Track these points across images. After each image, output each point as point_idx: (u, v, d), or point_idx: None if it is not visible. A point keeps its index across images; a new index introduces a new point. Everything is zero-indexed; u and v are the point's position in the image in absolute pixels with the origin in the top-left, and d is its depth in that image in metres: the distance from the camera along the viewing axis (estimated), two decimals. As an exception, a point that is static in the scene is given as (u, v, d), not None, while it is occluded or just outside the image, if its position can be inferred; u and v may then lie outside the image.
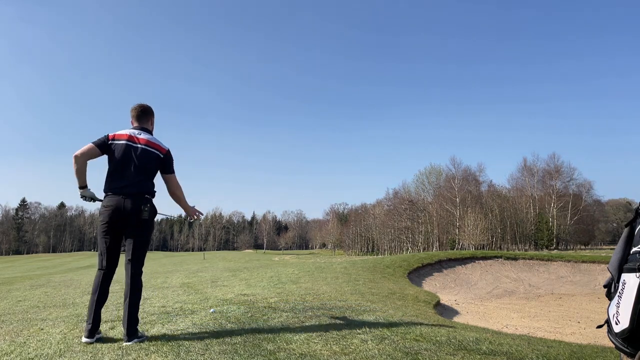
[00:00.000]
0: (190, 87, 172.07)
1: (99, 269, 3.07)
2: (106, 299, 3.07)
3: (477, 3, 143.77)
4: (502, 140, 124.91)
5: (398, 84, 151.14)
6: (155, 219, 3.47)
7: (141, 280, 3.13)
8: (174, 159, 3.34)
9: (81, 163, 3.03)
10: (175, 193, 3.33)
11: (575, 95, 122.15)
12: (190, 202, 3.45)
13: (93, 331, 2.97)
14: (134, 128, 3.27)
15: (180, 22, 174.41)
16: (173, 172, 3.32)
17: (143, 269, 3.19)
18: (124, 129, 3.27)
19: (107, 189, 3.08)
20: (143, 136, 3.19)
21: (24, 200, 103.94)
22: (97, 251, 3.23)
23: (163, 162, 3.23)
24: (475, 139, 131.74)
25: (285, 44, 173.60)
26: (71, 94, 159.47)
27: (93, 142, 3.08)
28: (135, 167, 3.07)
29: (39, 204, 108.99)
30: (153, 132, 3.37)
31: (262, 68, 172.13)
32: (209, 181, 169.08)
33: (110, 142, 3.11)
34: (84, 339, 2.96)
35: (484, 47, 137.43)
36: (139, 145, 3.13)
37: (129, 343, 2.92)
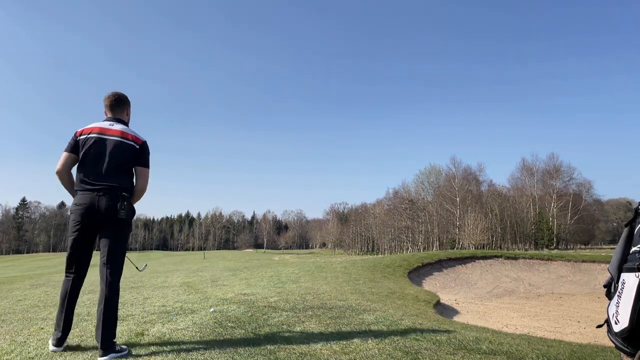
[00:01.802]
0: (189, 87, 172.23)
1: (66, 273, 2.80)
2: (75, 303, 2.83)
3: (477, 3, 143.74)
4: (502, 140, 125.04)
5: (398, 83, 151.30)
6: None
7: (118, 287, 2.78)
8: (150, 152, 3.02)
9: (64, 175, 2.86)
10: (138, 189, 2.95)
11: (575, 95, 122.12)
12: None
13: (62, 339, 2.80)
14: (107, 119, 2.99)
15: (177, 22, 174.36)
16: (147, 165, 2.97)
17: (123, 270, 2.91)
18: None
19: (78, 185, 2.80)
20: (116, 127, 2.91)
21: (24, 200, 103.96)
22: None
23: (139, 153, 2.91)
24: (475, 138, 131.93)
25: (283, 43, 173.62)
26: (70, 95, 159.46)
27: (65, 150, 2.86)
28: (109, 161, 2.79)
29: (39, 203, 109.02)
30: (129, 124, 3.10)
31: (261, 68, 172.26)
32: (209, 181, 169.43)
33: (78, 138, 2.86)
34: (51, 347, 2.78)
35: (484, 46, 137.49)
36: (112, 137, 2.85)
37: (104, 358, 2.56)
